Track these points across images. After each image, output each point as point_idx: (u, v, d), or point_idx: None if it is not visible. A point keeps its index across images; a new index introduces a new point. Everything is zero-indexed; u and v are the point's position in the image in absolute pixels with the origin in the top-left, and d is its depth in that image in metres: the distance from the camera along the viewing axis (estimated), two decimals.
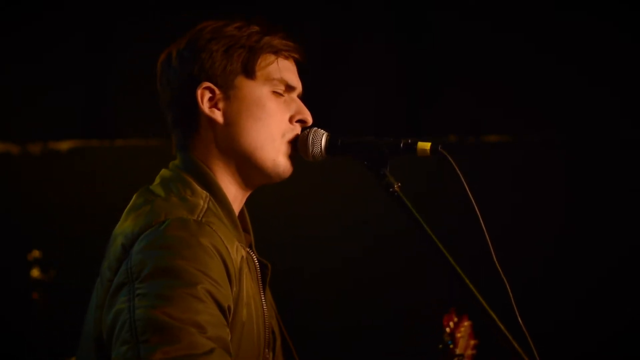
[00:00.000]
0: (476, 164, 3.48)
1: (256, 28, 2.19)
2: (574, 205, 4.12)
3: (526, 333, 1.96)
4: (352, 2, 4.27)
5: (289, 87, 2.22)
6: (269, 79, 2.18)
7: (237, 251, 2.03)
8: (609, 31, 3.99)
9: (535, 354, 1.94)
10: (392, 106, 4.30)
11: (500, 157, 4.21)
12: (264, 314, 2.19)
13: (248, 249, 2.20)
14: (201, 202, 2.06)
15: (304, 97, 2.26)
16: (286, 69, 2.21)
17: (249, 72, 2.16)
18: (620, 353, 4.01)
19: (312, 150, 2.17)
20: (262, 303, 2.19)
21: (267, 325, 2.20)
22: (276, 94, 2.19)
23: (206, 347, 1.82)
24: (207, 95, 2.16)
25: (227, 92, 2.16)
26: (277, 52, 2.20)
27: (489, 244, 2.02)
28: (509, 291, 1.99)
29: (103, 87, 4.26)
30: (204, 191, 2.10)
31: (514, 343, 1.93)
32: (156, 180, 2.17)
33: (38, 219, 4.21)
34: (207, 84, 2.15)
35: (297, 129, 2.20)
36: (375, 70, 4.27)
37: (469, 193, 2.04)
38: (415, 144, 2.08)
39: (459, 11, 4.17)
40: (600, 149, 4.15)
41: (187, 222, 1.96)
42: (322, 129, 2.19)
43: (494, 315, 1.93)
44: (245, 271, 2.07)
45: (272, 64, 2.19)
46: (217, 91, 2.16)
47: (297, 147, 2.19)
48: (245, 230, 2.23)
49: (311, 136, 2.18)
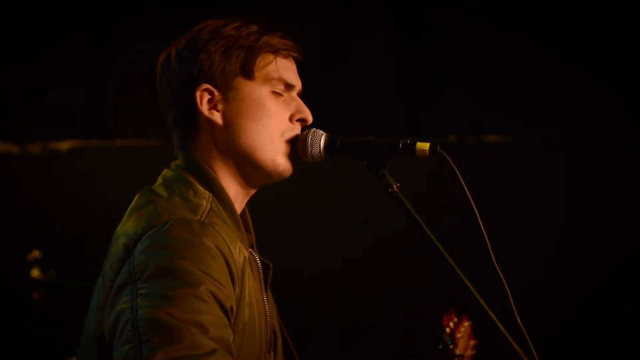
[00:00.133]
0: (476, 164, 3.49)
1: (255, 28, 2.18)
2: (574, 205, 4.12)
3: (525, 333, 1.95)
4: (352, 2, 4.26)
5: (288, 86, 2.21)
6: (267, 79, 2.17)
7: (239, 251, 2.03)
8: (609, 31, 3.99)
9: (535, 354, 1.94)
10: (392, 106, 4.30)
11: (500, 157, 4.20)
12: (266, 314, 2.19)
13: (250, 249, 2.20)
14: (204, 203, 2.05)
15: (304, 97, 2.26)
16: (285, 68, 2.21)
17: (248, 73, 2.16)
18: (620, 353, 4.01)
19: (311, 151, 2.17)
20: (264, 303, 2.19)
21: (269, 325, 2.19)
22: (275, 93, 2.18)
23: (208, 348, 1.81)
24: (206, 97, 2.16)
25: (226, 93, 2.16)
26: (275, 52, 2.20)
27: (488, 244, 2.02)
28: (508, 291, 1.99)
29: (103, 87, 4.26)
30: (207, 191, 2.10)
31: (514, 343, 1.93)
32: (158, 181, 2.17)
33: (38, 219, 4.21)
34: (206, 86, 2.15)
35: (297, 128, 2.20)
36: (375, 70, 4.27)
37: (468, 193, 2.04)
38: (415, 144, 2.07)
39: (459, 11, 4.17)
40: (600, 149, 4.15)
41: (190, 223, 1.96)
42: (321, 130, 2.19)
43: (493, 316, 1.93)
44: (247, 271, 2.06)
45: (270, 63, 2.18)
46: (216, 93, 2.15)
47: (296, 148, 2.19)
48: (247, 230, 2.23)
49: (310, 137, 2.17)
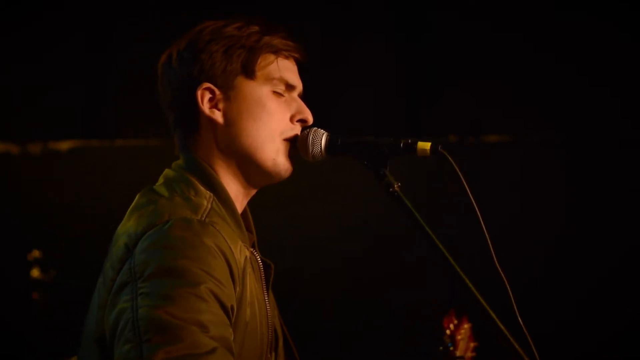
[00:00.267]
0: (476, 164, 3.49)
1: (256, 28, 2.18)
2: (574, 205, 4.12)
3: (526, 333, 1.95)
4: (352, 2, 4.26)
5: (289, 87, 2.21)
6: (269, 79, 2.17)
7: (240, 251, 2.03)
8: (609, 31, 3.99)
9: (535, 354, 1.94)
10: (392, 106, 4.30)
11: (500, 157, 4.20)
12: (267, 314, 2.19)
13: (252, 249, 2.21)
14: (205, 202, 2.05)
15: (304, 97, 2.26)
16: (286, 69, 2.21)
17: (249, 72, 2.16)
18: (620, 353, 4.01)
19: (312, 150, 2.17)
20: (266, 303, 2.19)
21: (270, 325, 2.19)
22: (276, 93, 2.18)
23: (209, 347, 1.81)
24: (207, 95, 2.16)
25: (227, 92, 2.16)
26: (277, 52, 2.20)
27: (489, 244, 2.02)
28: (509, 291, 1.99)
29: (103, 87, 4.26)
30: (208, 191, 2.10)
31: (514, 343, 1.92)
32: (159, 181, 2.17)
33: (38, 219, 4.21)
34: (207, 85, 2.15)
35: (297, 129, 2.20)
36: (375, 70, 4.27)
37: (469, 193, 2.04)
38: (415, 144, 2.07)
39: (459, 11, 4.17)
40: (600, 149, 4.15)
41: (191, 222, 1.96)
42: (322, 129, 2.19)
43: (494, 316, 1.93)
44: (248, 271, 2.06)
45: (271, 63, 2.18)
46: (217, 92, 2.15)
47: (297, 147, 2.19)
48: (248, 230, 2.23)
49: (311, 136, 2.17)
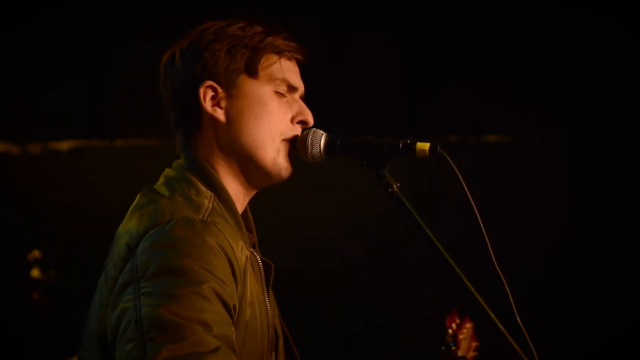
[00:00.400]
0: (476, 164, 3.49)
1: (259, 28, 2.19)
2: (574, 205, 4.12)
3: (525, 333, 1.95)
4: (352, 2, 4.27)
5: (291, 88, 2.22)
6: (271, 79, 2.18)
7: (241, 251, 2.03)
8: (609, 31, 3.99)
9: (535, 354, 1.94)
10: (392, 106, 4.30)
11: (500, 157, 4.20)
12: (268, 314, 2.19)
13: (252, 249, 2.21)
14: (206, 202, 2.06)
15: (304, 97, 2.26)
16: (289, 70, 2.22)
17: (252, 72, 2.17)
18: (620, 353, 4.01)
19: (312, 151, 2.17)
20: (266, 303, 2.20)
21: (271, 325, 2.20)
22: (278, 94, 2.19)
23: (212, 345, 1.82)
24: (210, 93, 2.16)
25: (230, 90, 2.16)
26: (280, 53, 2.21)
27: (488, 244, 2.02)
28: (508, 291, 1.99)
29: (103, 87, 4.26)
30: (209, 191, 2.10)
31: (514, 343, 1.93)
32: (160, 180, 2.17)
33: (38, 219, 4.21)
34: (209, 83, 2.16)
35: (297, 130, 2.20)
36: (375, 70, 4.27)
37: (468, 193, 2.04)
38: (415, 144, 2.08)
39: (459, 11, 4.17)
40: (600, 149, 4.15)
41: (193, 222, 1.97)
42: (321, 130, 2.19)
43: (493, 316, 1.93)
44: (249, 271, 2.07)
45: (274, 64, 2.19)
46: (219, 90, 2.16)
47: (297, 147, 2.19)
48: (248, 231, 2.24)
49: (310, 137, 2.18)
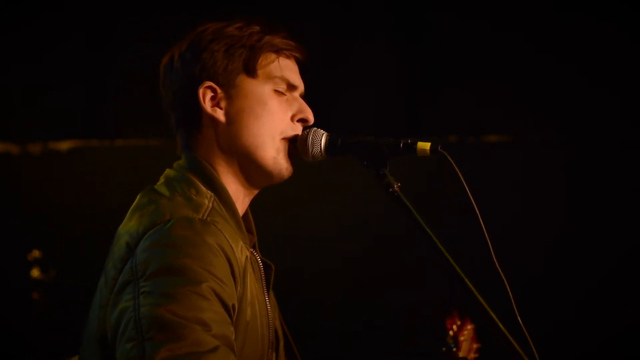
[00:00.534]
0: (476, 164, 3.49)
1: (257, 28, 2.19)
2: (574, 205, 4.12)
3: (526, 333, 1.95)
4: (352, 2, 4.26)
5: (291, 86, 2.22)
6: (270, 78, 2.18)
7: (241, 251, 2.04)
8: (609, 31, 3.99)
9: (535, 354, 1.94)
10: (392, 106, 4.29)
11: (500, 157, 4.20)
12: (268, 314, 2.19)
13: (252, 250, 2.21)
14: (206, 202, 2.06)
15: (304, 97, 2.26)
16: (287, 68, 2.22)
17: (251, 71, 2.17)
18: (620, 353, 4.01)
19: (312, 151, 2.17)
20: (266, 303, 2.20)
21: (271, 325, 2.20)
22: (278, 92, 2.19)
23: (211, 345, 1.82)
24: (209, 94, 2.17)
25: (229, 91, 2.17)
26: (278, 51, 2.21)
27: (489, 244, 2.02)
28: (509, 291, 1.99)
29: (103, 87, 4.26)
30: (209, 191, 2.11)
31: (514, 343, 1.92)
32: (160, 180, 2.18)
33: (38, 219, 4.21)
34: (208, 83, 2.16)
35: (298, 128, 2.20)
36: (375, 70, 4.27)
37: (468, 193, 2.04)
38: (415, 144, 2.08)
39: (459, 11, 4.17)
40: (600, 149, 4.15)
41: (192, 221, 1.97)
42: (321, 129, 2.19)
43: (493, 315, 1.93)
44: (249, 271, 2.08)
45: (273, 62, 2.19)
46: (218, 90, 2.16)
47: (297, 147, 2.19)
48: (249, 231, 2.24)
49: (311, 136, 2.18)
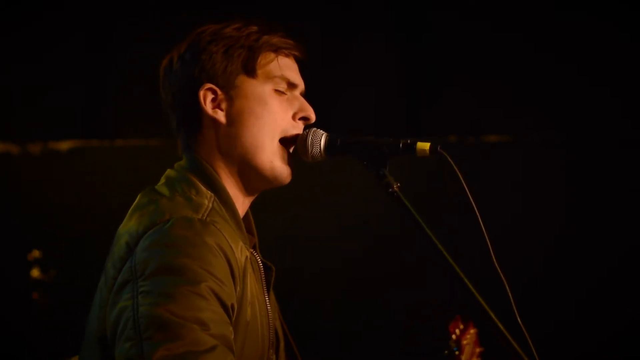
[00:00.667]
0: (476, 164, 3.49)
1: (255, 28, 2.19)
2: (574, 205, 4.12)
3: (525, 333, 1.95)
4: (352, 2, 4.26)
5: (291, 85, 2.22)
6: (270, 77, 2.18)
7: (241, 251, 2.04)
8: (609, 31, 3.99)
9: (535, 354, 1.94)
10: (392, 106, 4.29)
11: (500, 157, 4.20)
12: (268, 315, 2.19)
13: (252, 250, 2.21)
14: (206, 202, 2.06)
15: (304, 97, 2.26)
16: (287, 67, 2.22)
17: (250, 71, 2.17)
18: (620, 353, 4.01)
19: (312, 151, 2.17)
20: (266, 304, 2.20)
21: (271, 325, 2.20)
22: (278, 92, 2.19)
23: (209, 344, 1.83)
24: (210, 96, 2.17)
25: (229, 92, 2.17)
26: (277, 50, 2.21)
27: (489, 244, 2.02)
28: (508, 291, 1.99)
29: (103, 87, 4.26)
30: (209, 191, 2.11)
31: (514, 343, 1.93)
32: (161, 180, 2.18)
33: (38, 219, 4.21)
34: (208, 85, 2.16)
35: (299, 127, 2.20)
36: (375, 70, 4.27)
37: (468, 193, 2.04)
38: (415, 144, 2.08)
39: (459, 11, 4.17)
40: (600, 149, 4.15)
41: (192, 221, 1.97)
42: (321, 129, 2.19)
43: (493, 315, 1.93)
44: (249, 271, 2.08)
45: (272, 62, 2.19)
46: (219, 92, 2.16)
47: (297, 148, 2.19)
48: (249, 232, 2.24)
49: (310, 137, 2.18)
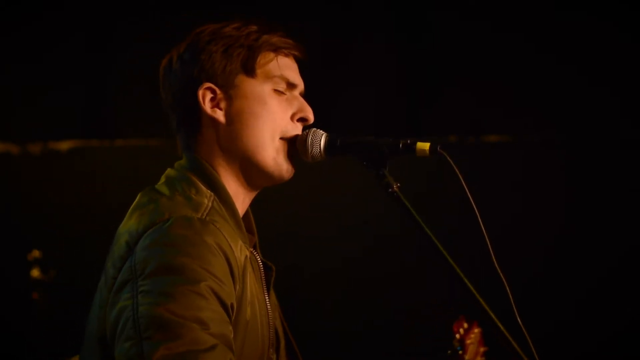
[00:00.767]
0: (476, 164, 3.49)
1: (254, 27, 2.19)
2: (574, 205, 4.11)
3: (525, 333, 1.95)
4: (352, 2, 4.26)
5: (290, 85, 2.22)
6: (269, 77, 2.18)
7: (241, 250, 2.04)
8: (609, 31, 3.99)
9: (535, 354, 1.94)
10: (392, 106, 4.29)
11: (500, 157, 4.20)
12: (268, 314, 2.19)
13: (252, 250, 2.21)
14: (205, 201, 2.06)
15: (304, 97, 2.26)
16: (286, 67, 2.21)
17: (249, 71, 2.17)
18: (620, 353, 4.01)
19: (312, 151, 2.17)
20: (266, 303, 2.20)
21: (271, 325, 2.20)
22: (277, 92, 2.19)
23: (208, 344, 1.83)
24: (209, 95, 2.17)
25: (228, 91, 2.17)
26: (276, 50, 2.20)
27: (488, 244, 2.02)
28: (508, 291, 1.99)
29: (103, 87, 4.26)
30: (209, 190, 2.11)
31: (514, 343, 1.93)
32: (161, 180, 2.18)
33: (38, 219, 4.21)
34: (208, 85, 2.16)
35: (298, 128, 2.20)
36: (375, 70, 4.27)
37: (468, 193, 2.04)
38: (415, 144, 2.08)
39: (459, 11, 4.17)
40: (600, 149, 4.15)
41: (192, 221, 1.97)
42: (321, 130, 2.19)
43: (493, 315, 1.93)
44: (249, 270, 2.08)
45: (271, 61, 2.19)
46: (218, 91, 2.16)
47: (296, 148, 2.19)
48: (249, 231, 2.24)
49: (310, 137, 2.17)
